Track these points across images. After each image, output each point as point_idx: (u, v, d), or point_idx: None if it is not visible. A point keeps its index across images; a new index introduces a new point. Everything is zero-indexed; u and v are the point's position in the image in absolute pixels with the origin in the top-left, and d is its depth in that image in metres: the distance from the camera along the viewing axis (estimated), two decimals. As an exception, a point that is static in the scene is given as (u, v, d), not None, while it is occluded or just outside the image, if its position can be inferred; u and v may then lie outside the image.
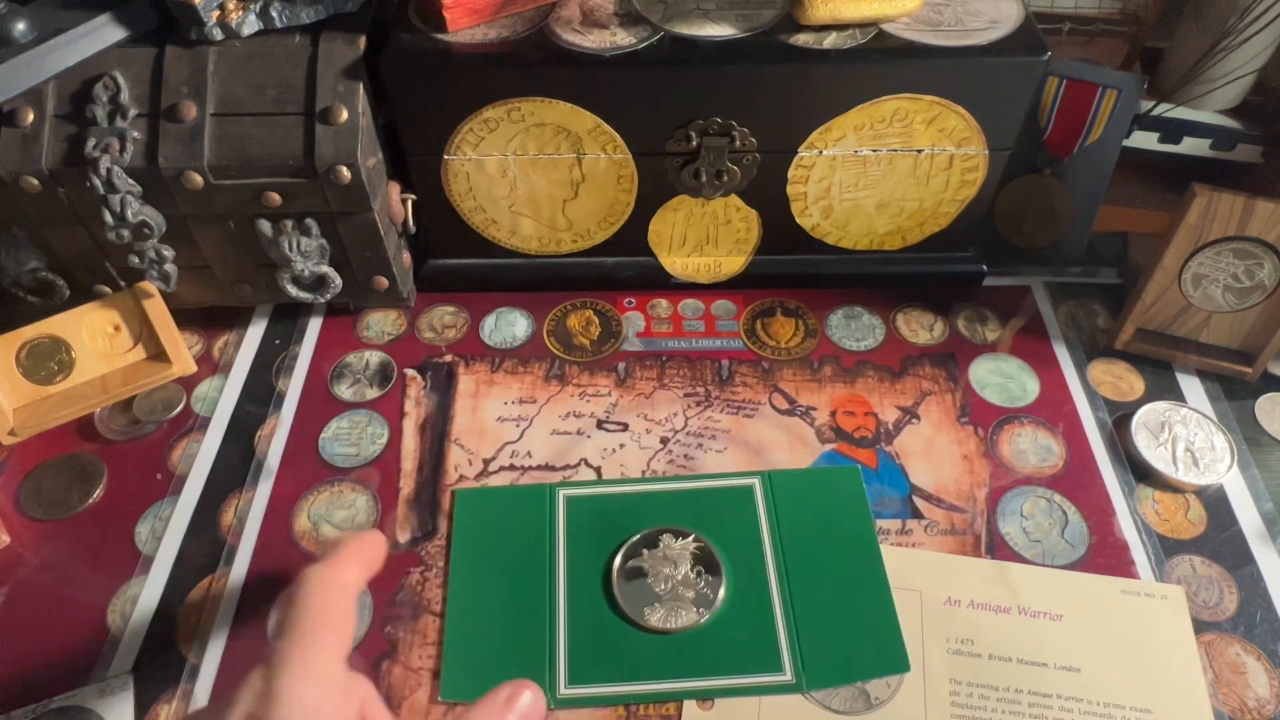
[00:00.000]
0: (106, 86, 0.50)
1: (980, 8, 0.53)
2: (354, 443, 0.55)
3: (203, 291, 0.58)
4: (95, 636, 0.46)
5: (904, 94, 0.51)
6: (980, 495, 0.51)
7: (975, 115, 0.53)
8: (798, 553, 0.48)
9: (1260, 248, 0.52)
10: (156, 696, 0.44)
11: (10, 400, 0.54)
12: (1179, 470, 0.52)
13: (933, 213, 0.59)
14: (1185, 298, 0.55)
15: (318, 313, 0.62)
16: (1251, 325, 0.55)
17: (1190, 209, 0.51)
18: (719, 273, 0.62)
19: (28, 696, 0.44)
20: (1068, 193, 0.60)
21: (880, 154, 0.55)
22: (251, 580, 0.48)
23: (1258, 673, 0.44)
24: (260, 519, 0.51)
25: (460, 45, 0.52)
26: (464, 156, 0.55)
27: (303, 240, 0.54)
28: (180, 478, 0.53)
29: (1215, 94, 0.61)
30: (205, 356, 0.60)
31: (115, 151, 0.49)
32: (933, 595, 0.47)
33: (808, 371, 0.58)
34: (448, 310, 0.62)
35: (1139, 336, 0.58)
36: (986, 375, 0.58)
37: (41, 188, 0.50)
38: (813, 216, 0.59)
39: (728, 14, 0.53)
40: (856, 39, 0.51)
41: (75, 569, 0.49)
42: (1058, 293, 0.63)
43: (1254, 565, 0.48)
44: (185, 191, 0.51)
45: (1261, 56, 0.59)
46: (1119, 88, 0.55)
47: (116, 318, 0.56)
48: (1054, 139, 0.58)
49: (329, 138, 0.50)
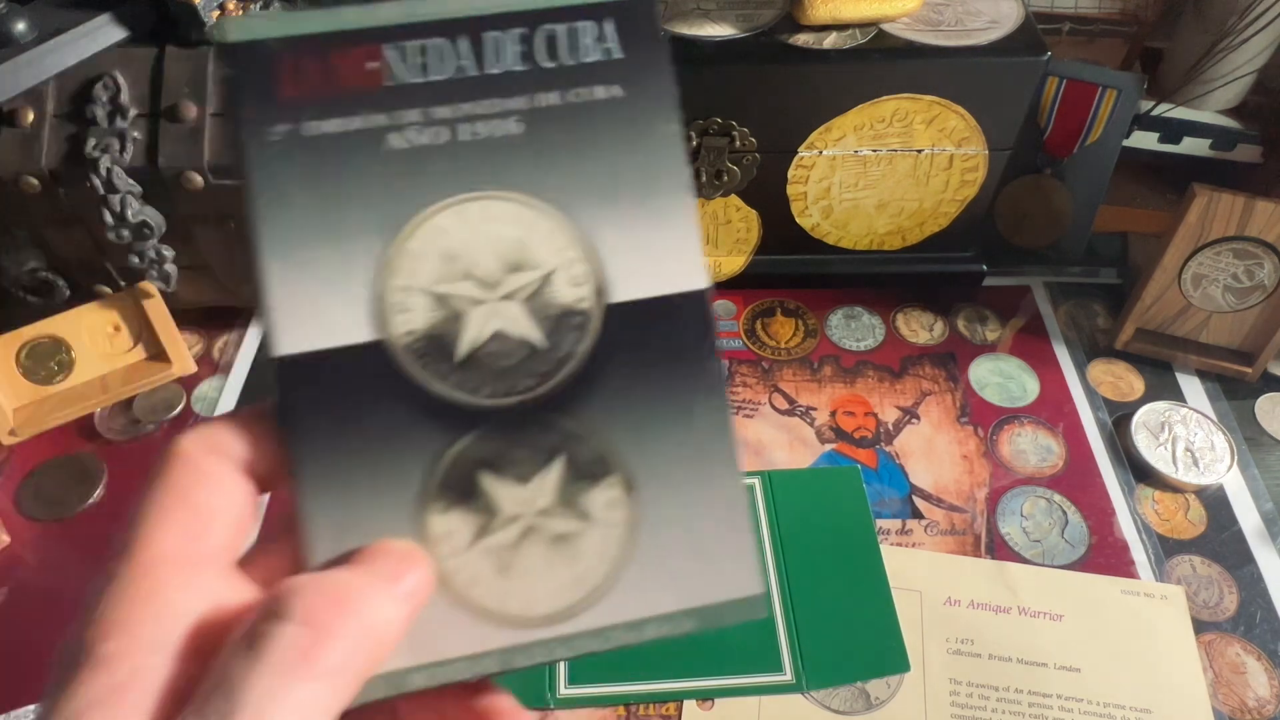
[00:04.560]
0: (106, 86, 0.50)
1: (980, 8, 0.53)
2: (354, 443, 0.54)
3: (203, 291, 0.58)
4: (95, 636, 0.46)
5: (904, 94, 0.51)
6: (980, 495, 0.51)
7: (975, 115, 0.53)
8: (798, 553, 0.48)
9: (1260, 248, 0.52)
10: (156, 696, 0.44)
11: (10, 400, 0.54)
12: (1179, 470, 0.52)
13: (933, 213, 0.59)
14: (1185, 298, 0.55)
15: (318, 313, 0.62)
16: (1251, 325, 0.55)
17: (1190, 209, 0.51)
18: (719, 272, 0.62)
19: (28, 696, 0.44)
20: (1068, 193, 0.60)
21: (880, 154, 0.55)
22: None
23: (1258, 673, 0.44)
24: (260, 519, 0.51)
25: (460, 45, 0.52)
26: (464, 156, 0.55)
27: (303, 240, 0.54)
28: (180, 478, 0.53)
29: (1215, 94, 0.61)
30: (205, 356, 0.60)
31: (115, 151, 0.49)
32: (933, 595, 0.47)
33: (808, 371, 0.58)
34: (448, 310, 0.62)
35: (1139, 336, 0.58)
36: (986, 375, 0.58)
37: (41, 188, 0.50)
38: (813, 216, 0.59)
39: (728, 14, 0.53)
40: (856, 39, 0.51)
41: (75, 569, 0.49)
42: (1058, 293, 0.63)
43: (1254, 565, 0.48)
44: (185, 191, 0.51)
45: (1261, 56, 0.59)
46: (1119, 88, 0.55)
47: (116, 318, 0.56)
48: (1054, 139, 0.58)
49: (329, 138, 0.50)
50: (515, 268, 0.20)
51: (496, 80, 0.20)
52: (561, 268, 0.20)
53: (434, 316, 0.20)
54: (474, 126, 0.20)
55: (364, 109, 0.20)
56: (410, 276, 0.20)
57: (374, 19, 0.20)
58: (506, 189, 0.20)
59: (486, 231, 0.20)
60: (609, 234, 0.20)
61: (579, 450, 0.20)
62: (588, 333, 0.20)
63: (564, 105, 0.20)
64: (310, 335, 0.19)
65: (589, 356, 0.20)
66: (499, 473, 0.20)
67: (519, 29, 0.20)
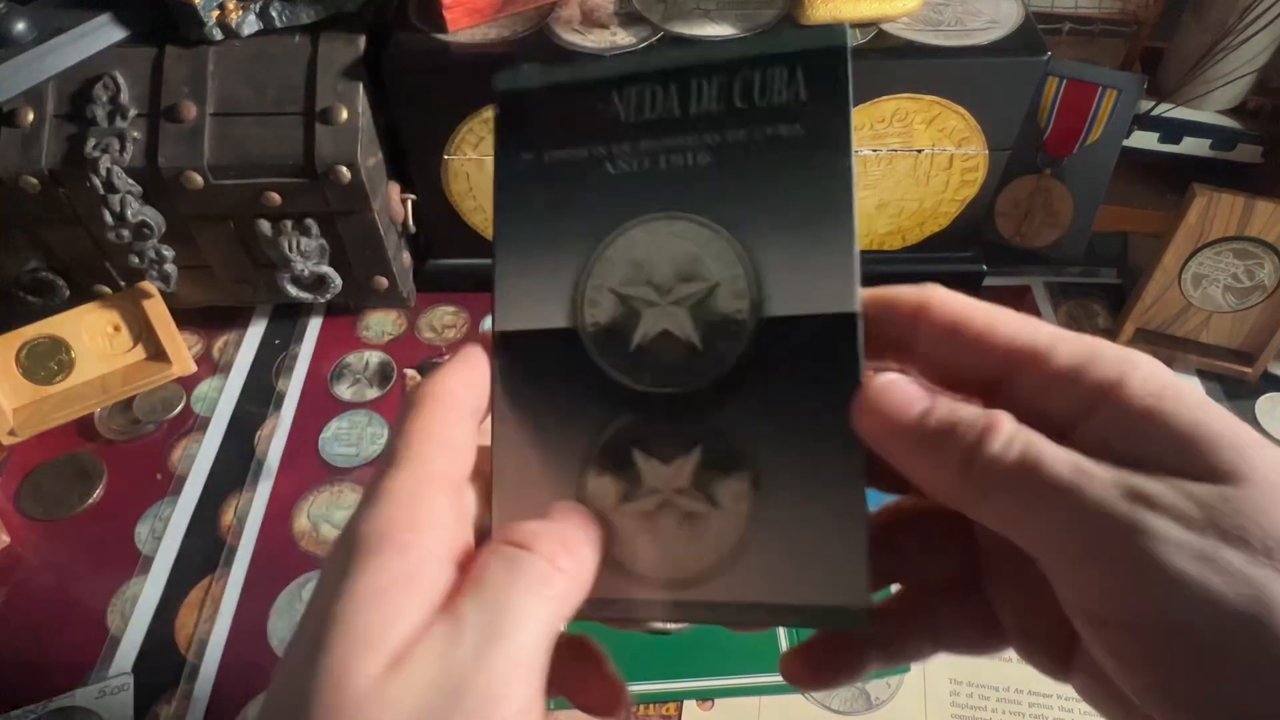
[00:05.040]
0: (106, 86, 0.50)
1: (980, 8, 0.53)
2: (354, 443, 0.55)
3: (203, 291, 0.58)
4: (95, 636, 0.46)
5: (904, 94, 0.51)
6: (980, 495, 0.51)
7: (975, 115, 0.53)
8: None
9: (1260, 248, 0.52)
10: (156, 697, 0.44)
11: (10, 400, 0.54)
12: (1179, 470, 0.52)
13: (933, 213, 0.59)
14: (1185, 298, 0.55)
15: (318, 313, 0.62)
16: (1251, 325, 0.55)
17: (1190, 209, 0.51)
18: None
19: (28, 696, 0.44)
20: (1068, 193, 0.60)
21: (880, 154, 0.55)
22: (251, 580, 0.48)
23: (1258, 673, 0.44)
24: (260, 519, 0.51)
25: (460, 45, 0.52)
26: (464, 156, 0.55)
27: (302, 240, 0.54)
28: (180, 478, 0.53)
29: (1215, 94, 0.61)
30: (205, 356, 0.60)
31: (115, 151, 0.49)
32: (933, 595, 0.47)
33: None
34: (448, 310, 0.62)
35: (1139, 336, 0.58)
36: (986, 375, 0.57)
37: (41, 188, 0.50)
38: (813, 216, 0.59)
39: (728, 14, 0.53)
40: (856, 39, 0.51)
41: (75, 569, 0.49)
42: (1058, 293, 0.63)
43: (1254, 565, 0.48)
44: (185, 191, 0.51)
45: (1261, 56, 0.59)
46: (1119, 88, 0.55)
47: (116, 318, 0.56)
48: (1054, 139, 0.58)
49: (329, 138, 0.50)
50: (687, 278, 0.23)
51: (695, 119, 0.23)
52: (725, 282, 0.23)
53: (616, 312, 0.23)
54: (670, 158, 0.23)
55: (589, 142, 0.24)
56: (603, 278, 0.24)
57: (606, 71, 0.24)
58: (690, 210, 0.23)
59: (667, 246, 0.23)
60: (773, 255, 0.22)
61: (717, 443, 0.23)
62: (741, 341, 0.22)
63: (749, 140, 0.23)
64: (523, 317, 0.24)
65: (739, 362, 0.23)
66: (648, 450, 0.23)
67: (720, 76, 0.23)
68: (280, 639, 0.46)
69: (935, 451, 0.20)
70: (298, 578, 0.48)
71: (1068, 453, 0.19)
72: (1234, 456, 0.18)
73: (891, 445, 0.21)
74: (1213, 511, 0.17)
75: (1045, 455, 0.19)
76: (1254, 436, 0.18)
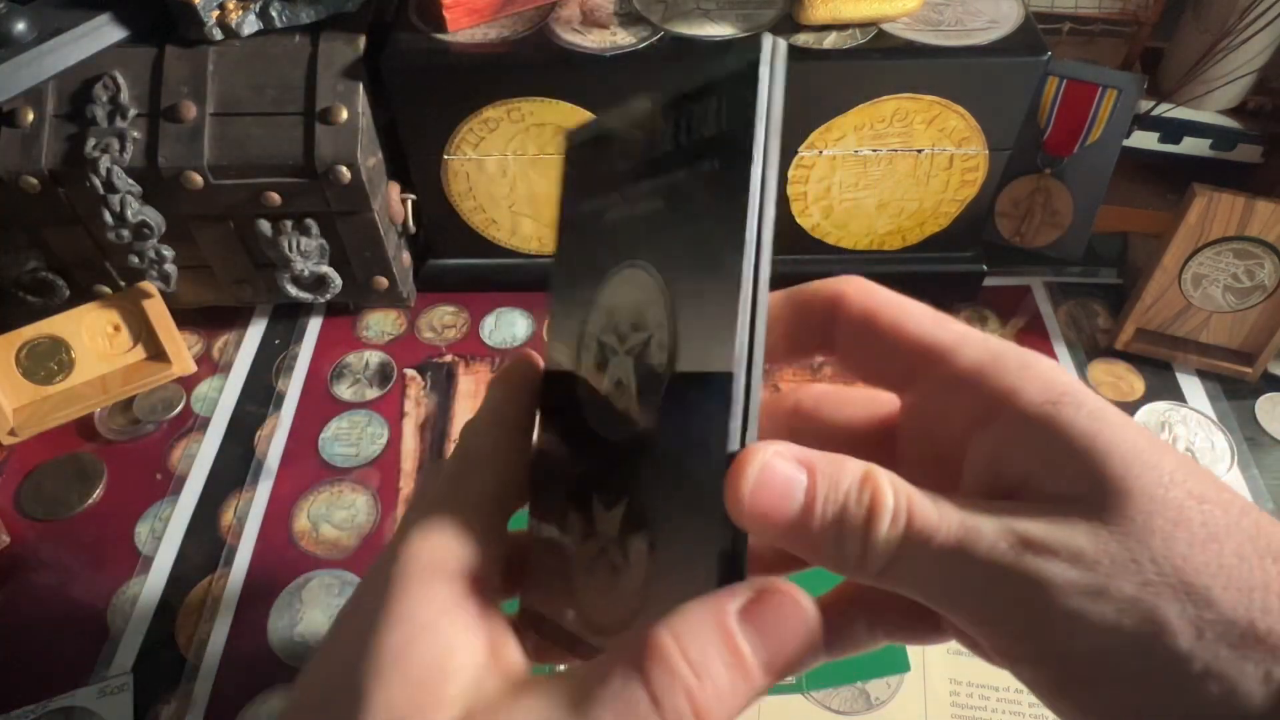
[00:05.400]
0: (106, 86, 0.50)
1: (980, 8, 0.53)
2: (354, 443, 0.55)
3: (203, 291, 0.58)
4: (95, 636, 0.46)
5: (904, 94, 0.51)
6: (980, 495, 0.51)
7: (975, 115, 0.53)
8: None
9: (1260, 248, 0.52)
10: (156, 696, 0.44)
11: (10, 400, 0.54)
12: (1179, 470, 0.52)
13: (933, 213, 0.59)
14: (1185, 298, 0.55)
15: (318, 313, 0.62)
16: (1251, 325, 0.55)
17: (1190, 209, 0.51)
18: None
19: (28, 696, 0.44)
20: (1068, 193, 0.60)
21: (880, 154, 0.55)
22: (251, 580, 0.48)
23: (1258, 673, 0.44)
24: (260, 519, 0.51)
25: (460, 45, 0.52)
26: (464, 156, 0.55)
27: (302, 240, 0.54)
28: (180, 478, 0.53)
29: (1215, 94, 0.61)
30: (205, 356, 0.60)
31: (115, 151, 0.49)
32: (933, 595, 0.47)
33: (808, 372, 0.58)
34: (448, 310, 0.62)
35: (1139, 336, 0.58)
36: (986, 375, 0.57)
37: (41, 188, 0.50)
38: (813, 216, 0.59)
39: (728, 14, 0.53)
40: (856, 39, 0.51)
41: (75, 569, 0.49)
42: (1058, 293, 0.63)
43: (1254, 565, 0.48)
44: (185, 191, 0.51)
45: (1261, 56, 0.59)
46: (1119, 88, 0.55)
47: (116, 318, 0.56)
48: (1054, 139, 0.58)
49: (329, 138, 0.50)
50: (637, 328, 0.23)
51: (658, 161, 0.23)
52: (655, 333, 0.22)
53: (596, 359, 0.24)
54: (641, 204, 0.23)
55: (600, 192, 0.25)
56: (594, 325, 0.24)
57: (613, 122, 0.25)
58: (642, 258, 0.23)
59: (628, 295, 0.23)
60: (686, 304, 0.21)
61: (635, 498, 0.22)
62: (658, 395, 0.22)
63: (687, 180, 0.22)
64: (557, 358, 0.26)
65: (656, 418, 0.22)
66: (600, 495, 0.23)
67: (672, 113, 0.22)
68: (280, 639, 0.46)
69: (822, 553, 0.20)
70: (298, 577, 0.48)
71: (954, 510, 0.19)
72: (1122, 470, 0.18)
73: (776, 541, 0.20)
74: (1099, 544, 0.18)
75: (930, 524, 0.19)
76: (1145, 444, 0.19)
